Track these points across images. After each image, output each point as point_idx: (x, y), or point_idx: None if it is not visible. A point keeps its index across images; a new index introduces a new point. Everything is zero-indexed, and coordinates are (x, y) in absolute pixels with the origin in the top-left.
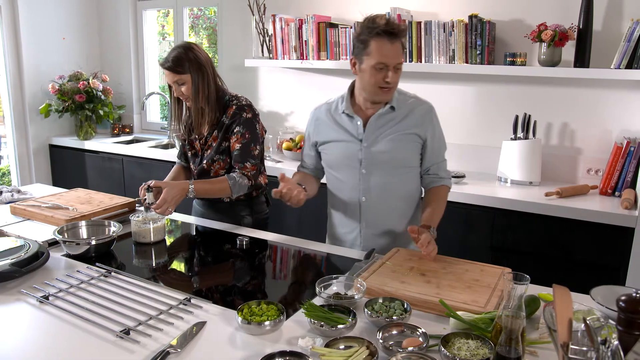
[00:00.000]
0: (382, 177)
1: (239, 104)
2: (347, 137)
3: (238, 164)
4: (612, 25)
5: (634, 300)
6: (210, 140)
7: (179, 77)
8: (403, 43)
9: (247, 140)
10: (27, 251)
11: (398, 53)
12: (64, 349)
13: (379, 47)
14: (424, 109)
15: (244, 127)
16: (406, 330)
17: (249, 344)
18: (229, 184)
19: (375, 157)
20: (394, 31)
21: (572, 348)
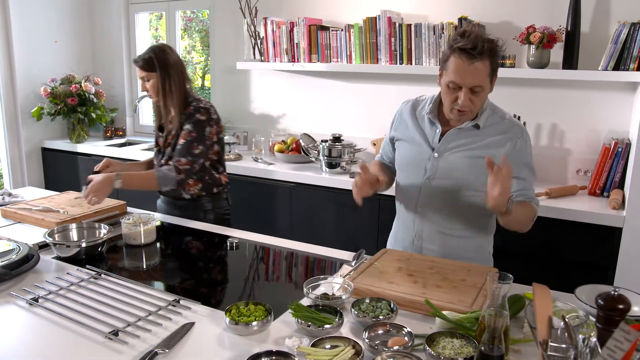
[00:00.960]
0: (444, 194)
1: (197, 105)
2: (421, 142)
3: (175, 157)
4: (599, 28)
5: (612, 299)
6: (170, 139)
7: (146, 73)
8: (492, 62)
9: (191, 139)
10: (18, 254)
11: (476, 74)
12: (53, 350)
13: (454, 65)
14: (511, 133)
15: (193, 126)
16: (392, 330)
17: (236, 344)
18: (155, 176)
19: (442, 171)
20: (472, 51)
21: (551, 345)
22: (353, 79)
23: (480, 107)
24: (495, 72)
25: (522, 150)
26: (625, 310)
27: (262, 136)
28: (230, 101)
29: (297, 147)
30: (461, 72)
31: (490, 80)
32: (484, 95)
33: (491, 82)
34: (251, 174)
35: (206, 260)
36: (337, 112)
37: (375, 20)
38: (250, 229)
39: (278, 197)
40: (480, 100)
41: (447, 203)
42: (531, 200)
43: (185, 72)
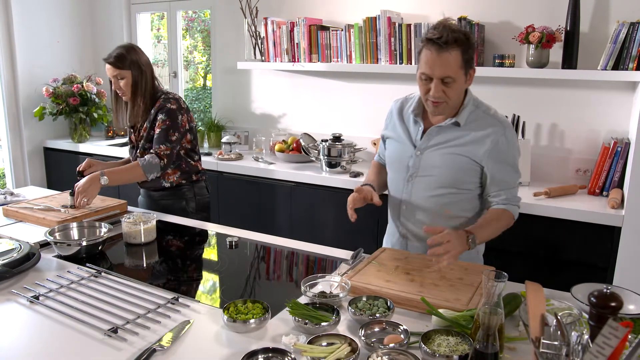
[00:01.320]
0: (426, 191)
1: (166, 97)
2: (406, 140)
3: (155, 145)
4: (598, 27)
5: (604, 296)
6: (142, 132)
7: (119, 71)
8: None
9: (167, 126)
10: (19, 252)
11: (445, 65)
12: (53, 347)
13: (424, 56)
14: (493, 130)
15: (166, 115)
16: (388, 328)
17: (234, 342)
18: (140, 167)
19: (423, 169)
20: (439, 40)
21: (543, 342)
22: (353, 79)
23: (455, 99)
24: (469, 65)
25: (504, 148)
26: (617, 307)
27: (262, 136)
28: (231, 101)
29: (297, 147)
30: (430, 62)
31: (464, 72)
32: (457, 87)
33: (466, 75)
34: (252, 174)
35: (205, 258)
36: (337, 112)
37: (375, 20)
38: (251, 228)
39: (278, 197)
40: (454, 92)
41: (430, 201)
42: (510, 204)
43: (153, 69)
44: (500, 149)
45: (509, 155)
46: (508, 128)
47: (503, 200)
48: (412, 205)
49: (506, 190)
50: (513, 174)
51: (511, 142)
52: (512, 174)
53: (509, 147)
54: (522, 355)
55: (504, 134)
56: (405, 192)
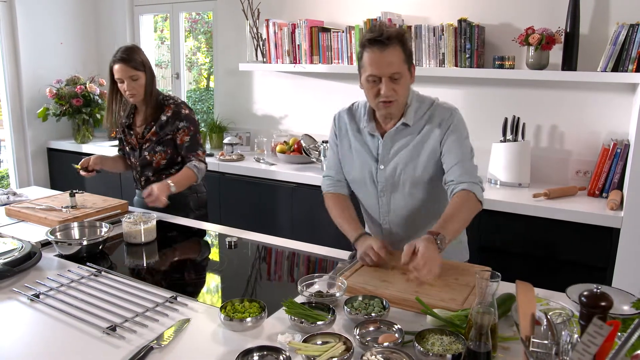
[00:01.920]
0: (402, 200)
1: (175, 102)
2: (366, 156)
3: (191, 153)
4: (598, 29)
5: (594, 296)
6: (148, 135)
7: (135, 72)
8: (404, 49)
9: (193, 132)
10: (20, 251)
11: (391, 61)
12: (53, 344)
13: (368, 58)
14: (441, 116)
15: (187, 121)
16: (383, 327)
17: (231, 340)
18: (193, 172)
19: (391, 179)
20: (380, 39)
21: (533, 341)
22: (354, 80)
23: (404, 95)
24: (410, 60)
25: (454, 131)
26: (606, 307)
27: (264, 137)
28: (232, 102)
29: (298, 148)
30: (377, 62)
31: (407, 67)
32: (404, 83)
33: (409, 70)
34: (253, 175)
35: (204, 258)
36: None
37: (376, 21)
38: (252, 228)
39: (279, 197)
40: (402, 88)
41: (409, 207)
42: (470, 182)
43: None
44: (452, 132)
45: (461, 136)
46: (453, 111)
47: (461, 177)
48: (392, 219)
49: (461, 163)
50: (468, 154)
51: (460, 123)
52: (467, 155)
53: (459, 128)
54: (515, 354)
55: (450, 118)
56: (382, 207)
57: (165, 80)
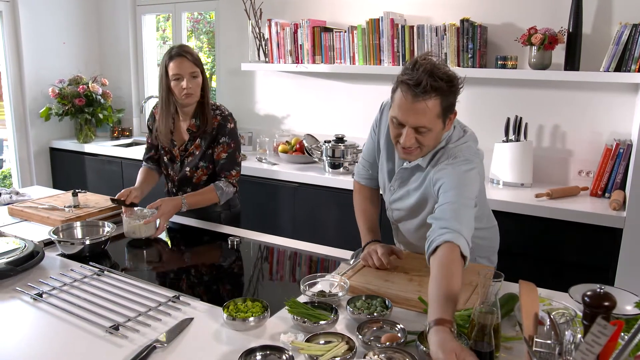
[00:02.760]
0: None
1: (223, 114)
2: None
3: (224, 172)
4: (601, 29)
5: (598, 296)
6: (191, 148)
7: (195, 68)
8: (444, 101)
9: (233, 150)
10: (23, 251)
11: (421, 115)
12: (56, 344)
13: (398, 100)
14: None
15: (229, 137)
16: (385, 326)
17: (233, 339)
18: (217, 194)
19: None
20: (416, 88)
21: (536, 341)
22: (356, 80)
23: (430, 146)
24: (450, 111)
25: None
26: (610, 307)
27: (266, 137)
28: (235, 102)
29: (300, 148)
30: (404, 109)
31: (442, 120)
32: (433, 136)
33: (444, 122)
34: (255, 174)
35: (207, 258)
36: (340, 113)
37: (378, 21)
38: (254, 228)
39: (282, 197)
40: (429, 140)
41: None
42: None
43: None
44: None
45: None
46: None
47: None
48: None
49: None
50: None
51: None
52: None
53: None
54: (518, 354)
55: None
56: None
57: None
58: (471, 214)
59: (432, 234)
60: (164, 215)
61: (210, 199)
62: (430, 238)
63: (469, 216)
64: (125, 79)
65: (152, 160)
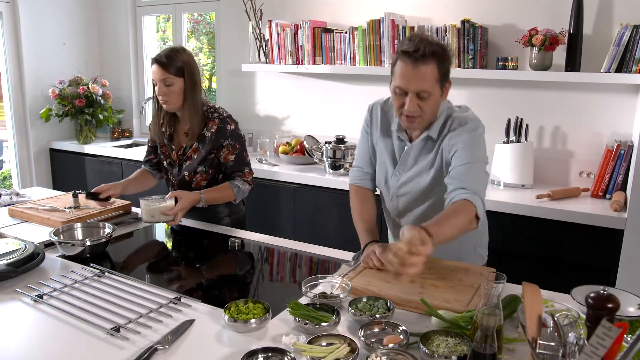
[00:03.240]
0: (413, 205)
1: (221, 116)
2: (386, 156)
3: (236, 172)
4: (602, 30)
5: (601, 298)
6: (189, 152)
7: (168, 76)
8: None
9: (239, 150)
10: (23, 252)
11: (421, 78)
12: (56, 346)
13: (399, 69)
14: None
15: (232, 139)
16: (387, 328)
17: (235, 341)
18: (233, 192)
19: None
20: (415, 54)
21: (540, 343)
22: (356, 81)
23: (431, 113)
24: (446, 78)
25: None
26: (613, 309)
27: (266, 138)
28: (235, 103)
29: (301, 149)
30: (406, 76)
31: (440, 86)
32: (432, 102)
33: (442, 88)
34: (256, 175)
35: (208, 259)
36: (341, 114)
37: (379, 22)
38: (254, 229)
39: (282, 198)
40: (429, 106)
41: (420, 212)
42: (469, 192)
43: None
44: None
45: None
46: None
47: (457, 185)
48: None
49: (457, 167)
50: (470, 154)
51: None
52: (468, 153)
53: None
54: (520, 356)
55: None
56: (394, 210)
57: None
58: (485, 175)
59: (450, 193)
60: (183, 209)
61: (227, 196)
62: (449, 197)
63: (485, 177)
64: (125, 79)
65: (151, 163)
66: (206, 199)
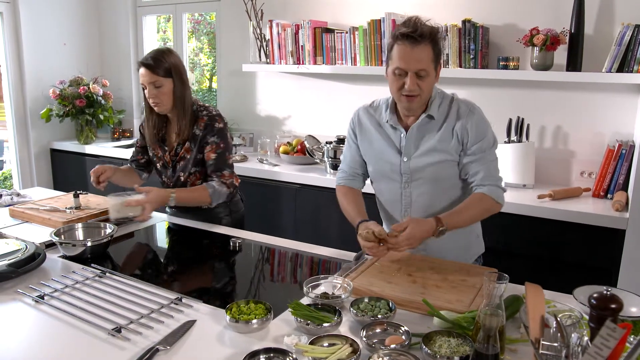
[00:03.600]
0: (425, 193)
1: (210, 114)
2: (389, 149)
3: (215, 172)
4: (603, 30)
5: (604, 298)
6: (182, 152)
7: (157, 78)
8: (434, 47)
9: (222, 150)
10: (24, 252)
11: (420, 58)
12: (58, 346)
13: (398, 52)
14: (458, 115)
15: (217, 137)
16: (389, 329)
17: (236, 342)
18: (208, 193)
19: (415, 171)
20: (413, 34)
21: (543, 344)
22: (357, 81)
23: (428, 92)
24: (438, 60)
25: (474, 126)
26: (617, 309)
27: (267, 138)
28: (236, 103)
29: (302, 149)
30: (406, 56)
31: (434, 66)
32: (430, 81)
33: (436, 69)
34: (257, 175)
35: (209, 259)
36: (342, 114)
37: (380, 22)
38: (255, 229)
39: (283, 198)
40: (427, 85)
41: (431, 201)
42: (491, 185)
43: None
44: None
45: (481, 130)
46: (471, 106)
47: (482, 180)
48: (415, 207)
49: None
50: (490, 149)
51: (479, 118)
52: (489, 150)
53: (478, 123)
54: (523, 357)
55: (469, 115)
56: (405, 199)
57: None
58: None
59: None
60: (149, 202)
61: (201, 197)
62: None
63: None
64: (126, 80)
65: (138, 163)
66: (177, 198)
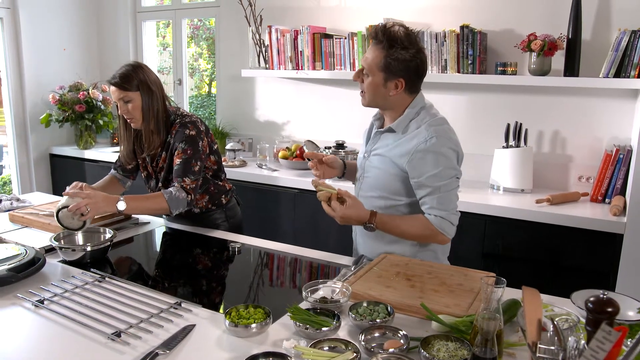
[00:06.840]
0: (365, 192)
1: (182, 121)
2: (364, 143)
3: (177, 178)
4: (600, 35)
5: (601, 302)
6: (161, 163)
7: (125, 94)
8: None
9: (188, 157)
10: (24, 257)
11: (367, 57)
12: (57, 351)
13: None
14: (417, 140)
15: (185, 143)
16: (388, 333)
17: (235, 346)
18: (165, 199)
19: (367, 170)
20: (373, 34)
21: (540, 347)
22: (356, 87)
23: (369, 93)
24: (391, 73)
25: (421, 160)
26: (613, 313)
27: (266, 143)
28: (235, 108)
29: (301, 154)
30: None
31: (383, 76)
32: (371, 85)
33: (386, 80)
34: (256, 180)
35: (208, 264)
36: (341, 119)
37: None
38: (254, 234)
39: (282, 203)
40: (367, 86)
41: (366, 202)
42: (434, 216)
43: (163, 88)
44: (418, 161)
45: (426, 166)
46: (430, 139)
47: (428, 210)
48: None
49: (430, 196)
50: (438, 179)
51: (431, 150)
52: (436, 179)
53: (426, 158)
54: None
55: (424, 145)
56: (355, 192)
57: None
58: (455, 189)
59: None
60: (89, 204)
61: (157, 204)
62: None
63: (455, 192)
64: None
65: (123, 169)
66: (128, 205)
